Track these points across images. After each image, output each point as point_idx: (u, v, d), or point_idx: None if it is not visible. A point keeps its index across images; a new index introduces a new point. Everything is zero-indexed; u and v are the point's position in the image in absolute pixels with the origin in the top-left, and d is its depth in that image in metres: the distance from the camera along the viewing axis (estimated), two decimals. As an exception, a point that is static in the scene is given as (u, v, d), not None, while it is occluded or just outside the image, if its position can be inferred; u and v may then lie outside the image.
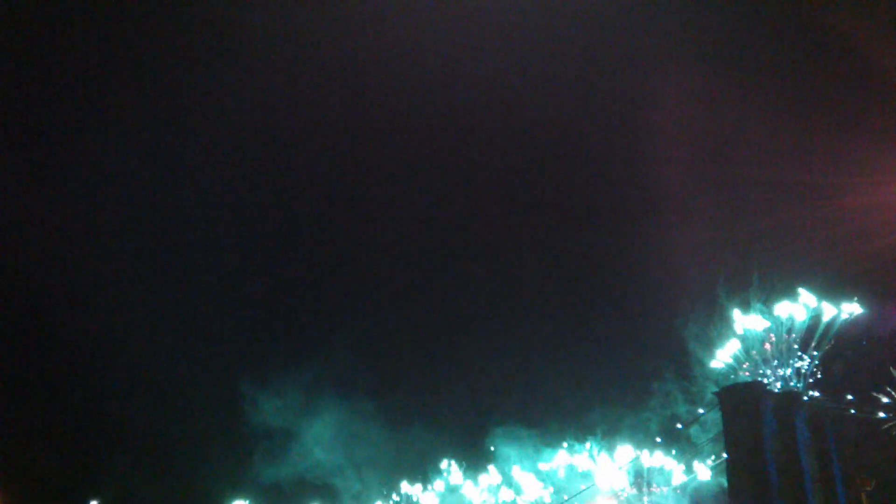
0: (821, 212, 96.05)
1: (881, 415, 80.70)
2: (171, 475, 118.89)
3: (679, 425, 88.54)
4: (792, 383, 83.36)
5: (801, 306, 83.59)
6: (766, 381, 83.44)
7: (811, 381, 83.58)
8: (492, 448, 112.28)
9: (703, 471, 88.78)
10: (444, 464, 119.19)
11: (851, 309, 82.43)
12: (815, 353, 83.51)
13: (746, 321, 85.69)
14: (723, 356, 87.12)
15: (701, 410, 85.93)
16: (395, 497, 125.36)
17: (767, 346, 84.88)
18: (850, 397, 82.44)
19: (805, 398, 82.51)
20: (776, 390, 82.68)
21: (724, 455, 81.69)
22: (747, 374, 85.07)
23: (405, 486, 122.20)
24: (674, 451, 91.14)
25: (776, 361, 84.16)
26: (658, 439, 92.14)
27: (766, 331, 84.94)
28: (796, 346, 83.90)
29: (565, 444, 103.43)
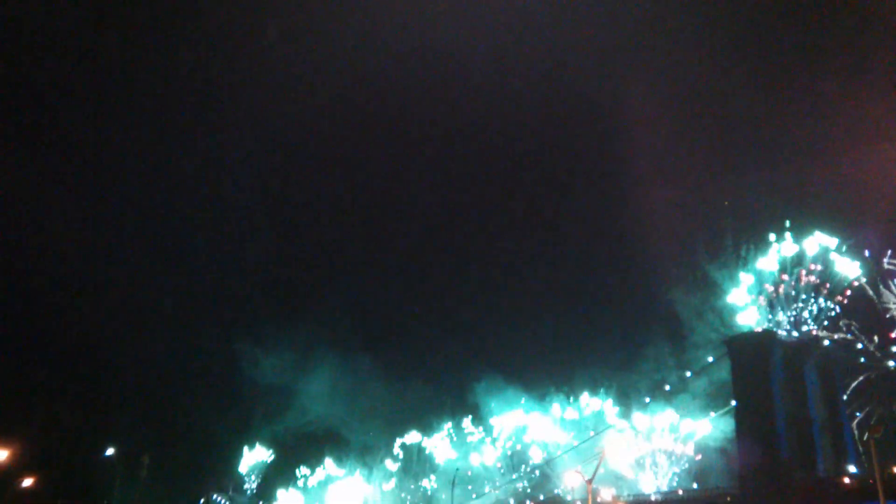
0: (821, 171, 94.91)
1: (891, 363, 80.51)
2: (180, 426, 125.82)
3: (688, 373, 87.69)
4: (804, 328, 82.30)
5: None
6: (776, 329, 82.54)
7: (822, 328, 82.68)
8: (478, 402, 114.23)
9: (705, 425, 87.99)
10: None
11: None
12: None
13: (761, 261, 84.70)
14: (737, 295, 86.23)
15: (710, 358, 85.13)
16: (398, 448, 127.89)
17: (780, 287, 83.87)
18: (859, 346, 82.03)
19: (815, 347, 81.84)
20: (785, 338, 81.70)
21: (733, 403, 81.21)
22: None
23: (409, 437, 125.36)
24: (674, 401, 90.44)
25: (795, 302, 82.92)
26: (668, 387, 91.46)
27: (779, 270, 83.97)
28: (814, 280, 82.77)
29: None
